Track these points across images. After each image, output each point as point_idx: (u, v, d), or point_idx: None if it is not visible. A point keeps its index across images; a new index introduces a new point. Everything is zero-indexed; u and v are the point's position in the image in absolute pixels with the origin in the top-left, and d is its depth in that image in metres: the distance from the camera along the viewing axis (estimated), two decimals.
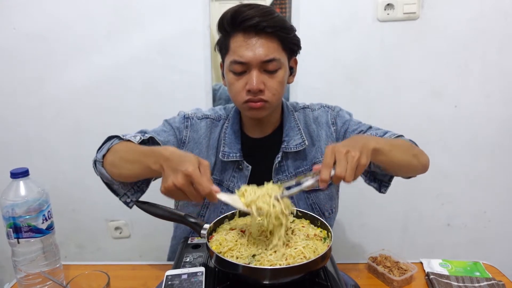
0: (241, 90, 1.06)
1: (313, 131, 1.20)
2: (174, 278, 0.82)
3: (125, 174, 0.99)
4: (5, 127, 1.78)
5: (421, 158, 1.10)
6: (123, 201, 1.10)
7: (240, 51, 1.02)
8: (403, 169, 1.09)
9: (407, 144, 1.10)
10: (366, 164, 0.84)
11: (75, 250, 1.97)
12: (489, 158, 1.83)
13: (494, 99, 1.76)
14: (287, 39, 1.06)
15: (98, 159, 1.03)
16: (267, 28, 1.00)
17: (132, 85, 1.74)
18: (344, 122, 1.21)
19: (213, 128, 1.19)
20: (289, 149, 1.15)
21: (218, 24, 1.07)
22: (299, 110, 1.24)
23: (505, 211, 1.91)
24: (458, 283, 0.98)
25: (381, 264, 1.04)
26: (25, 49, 1.68)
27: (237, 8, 1.03)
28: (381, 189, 1.16)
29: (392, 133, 1.16)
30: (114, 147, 1.02)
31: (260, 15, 1.00)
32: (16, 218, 0.87)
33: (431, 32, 1.69)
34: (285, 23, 1.05)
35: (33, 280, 0.91)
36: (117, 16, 1.66)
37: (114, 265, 1.09)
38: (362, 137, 0.99)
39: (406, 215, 1.93)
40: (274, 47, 1.03)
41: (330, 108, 1.24)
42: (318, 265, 0.80)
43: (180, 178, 0.78)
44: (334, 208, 1.24)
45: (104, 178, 1.06)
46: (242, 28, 1.02)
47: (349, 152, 0.82)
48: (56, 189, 1.73)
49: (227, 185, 1.16)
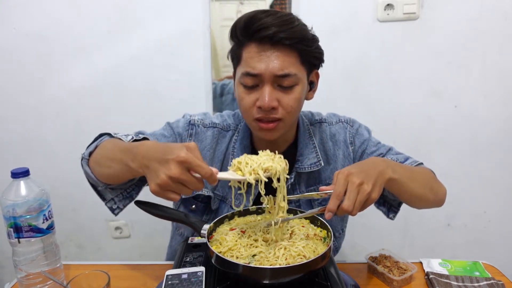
0: (252, 106, 0.96)
1: (329, 149, 1.11)
2: (174, 278, 0.82)
3: (106, 174, 0.91)
4: (5, 127, 1.78)
5: (438, 192, 1.05)
6: (108, 207, 1.02)
7: (252, 62, 0.92)
8: (417, 202, 1.02)
9: (427, 175, 1.04)
10: (376, 198, 0.79)
11: (75, 250, 1.97)
12: (489, 158, 1.83)
13: (493, 99, 1.76)
14: (307, 52, 0.95)
15: (84, 157, 0.95)
16: (284, 40, 0.90)
17: (132, 85, 1.74)
18: (362, 141, 1.13)
19: (220, 139, 1.09)
20: (302, 170, 1.07)
21: (231, 31, 0.97)
22: (315, 125, 1.14)
23: (505, 211, 1.91)
24: (457, 283, 0.98)
25: (381, 264, 1.04)
26: (25, 49, 1.68)
27: (252, 14, 0.92)
28: (390, 214, 1.10)
29: (413, 160, 1.09)
30: (101, 144, 0.94)
31: (278, 24, 0.89)
32: (16, 217, 0.87)
33: (431, 32, 1.69)
34: (306, 34, 0.94)
35: (33, 280, 0.91)
36: (117, 16, 1.66)
37: (114, 265, 1.08)
38: (380, 162, 0.88)
39: (406, 215, 1.92)
40: (291, 61, 0.93)
41: (349, 124, 1.15)
42: (318, 265, 0.80)
43: (174, 168, 0.70)
44: (344, 228, 1.20)
45: (89, 179, 0.98)
46: (256, 38, 0.91)
47: (362, 185, 0.76)
48: (56, 189, 1.73)
49: (231, 202, 1.05)
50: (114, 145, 0.91)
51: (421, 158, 1.87)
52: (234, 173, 0.80)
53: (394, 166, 0.89)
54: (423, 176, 1.02)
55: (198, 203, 1.10)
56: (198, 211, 1.11)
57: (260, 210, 1.01)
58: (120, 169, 0.85)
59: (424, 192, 0.99)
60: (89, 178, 0.98)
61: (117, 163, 0.85)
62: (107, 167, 0.89)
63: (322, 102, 1.36)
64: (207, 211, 1.11)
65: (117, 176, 0.90)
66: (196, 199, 1.10)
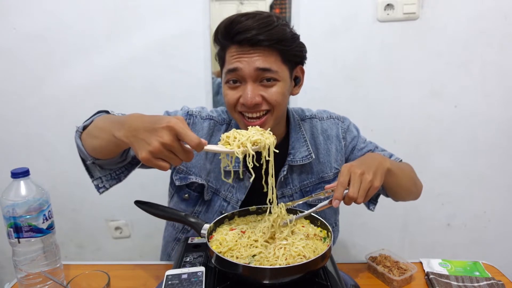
0: (235, 102, 0.99)
1: (320, 143, 1.15)
2: (174, 278, 0.82)
3: (94, 145, 0.92)
4: (5, 127, 1.78)
5: (418, 186, 1.15)
6: (94, 184, 1.03)
7: (234, 61, 0.96)
8: (403, 193, 1.11)
9: (411, 171, 1.12)
10: (378, 187, 0.86)
11: (75, 250, 1.97)
12: (489, 158, 1.83)
13: (493, 99, 1.76)
14: (287, 51, 0.98)
15: (78, 129, 0.96)
16: (263, 42, 0.93)
17: (132, 85, 1.74)
18: (352, 138, 1.18)
19: (216, 131, 1.13)
20: (295, 162, 1.11)
21: (214, 35, 1.01)
22: (306, 120, 1.18)
23: (505, 211, 1.91)
24: (457, 283, 0.99)
25: (381, 264, 1.04)
26: (25, 49, 1.68)
27: (233, 18, 0.95)
28: (370, 206, 1.18)
29: (395, 156, 1.17)
30: (96, 118, 0.95)
31: (257, 26, 0.92)
32: (16, 218, 0.87)
33: (431, 32, 1.69)
34: (285, 35, 0.96)
35: (33, 280, 0.91)
36: (117, 16, 1.66)
37: (114, 265, 1.09)
38: (377, 156, 0.97)
39: (406, 215, 1.93)
40: (272, 60, 0.96)
41: (340, 120, 1.20)
42: (318, 265, 0.80)
43: (166, 135, 0.70)
44: (337, 221, 1.24)
45: (80, 152, 0.99)
46: (236, 41, 0.95)
47: (364, 174, 0.84)
48: (56, 189, 1.74)
49: (224, 195, 1.11)
50: (107, 117, 0.93)
51: (421, 158, 1.89)
52: (222, 146, 0.80)
53: (389, 160, 0.98)
54: (408, 171, 1.12)
55: (191, 192, 1.13)
56: (191, 201, 1.14)
57: (260, 210, 1.01)
58: (107, 140, 0.85)
59: (410, 184, 1.10)
60: (80, 152, 0.99)
61: (105, 133, 0.85)
62: (95, 137, 0.90)
63: (322, 102, 1.37)
64: (200, 202, 1.14)
65: (104, 147, 0.90)
66: (189, 187, 1.13)
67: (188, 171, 1.12)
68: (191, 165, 1.12)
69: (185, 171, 1.12)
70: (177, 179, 1.12)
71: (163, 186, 1.25)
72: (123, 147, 0.91)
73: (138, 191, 1.44)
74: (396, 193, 1.09)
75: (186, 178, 1.11)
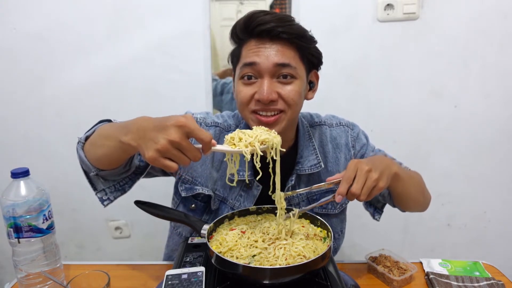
0: (250, 99, 0.95)
1: (329, 151, 1.12)
2: (174, 278, 0.82)
3: (99, 154, 0.90)
4: (5, 127, 1.78)
5: (426, 196, 1.11)
6: (98, 197, 1.01)
7: (251, 55, 0.94)
8: (410, 202, 1.07)
9: (420, 180, 1.10)
10: (383, 188, 0.84)
11: (75, 250, 1.97)
12: (489, 158, 1.83)
13: (493, 99, 1.76)
14: (306, 49, 0.97)
15: (81, 140, 0.95)
16: (282, 34, 0.92)
17: (132, 85, 1.74)
18: (361, 146, 1.15)
19: (221, 138, 1.08)
20: (303, 171, 1.07)
21: (231, 33, 0.99)
22: (315, 127, 1.14)
23: (505, 211, 1.91)
24: (457, 283, 0.99)
25: (381, 264, 1.04)
26: (25, 49, 1.68)
27: (251, 14, 0.94)
28: (375, 215, 1.14)
29: (404, 165, 1.15)
30: (99, 127, 0.94)
31: (276, 20, 0.92)
32: (16, 218, 0.87)
33: (431, 32, 1.69)
34: (305, 33, 0.96)
35: (33, 280, 0.91)
36: (117, 16, 1.66)
37: (114, 265, 1.09)
38: (387, 159, 0.95)
39: (406, 215, 1.92)
40: (291, 55, 0.94)
41: (349, 127, 1.16)
42: (318, 265, 0.80)
43: (174, 132, 0.68)
44: (344, 229, 1.22)
45: (82, 164, 0.97)
46: (255, 34, 0.93)
47: (371, 172, 0.82)
48: (56, 189, 1.73)
49: (231, 203, 1.08)
50: (110, 125, 0.91)
51: (421, 158, 1.89)
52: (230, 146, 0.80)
53: (398, 165, 0.95)
54: (417, 179, 1.09)
55: (198, 202, 1.10)
56: (197, 211, 1.11)
57: (260, 210, 1.01)
58: (113, 147, 0.83)
59: (418, 193, 1.06)
60: (82, 164, 0.97)
61: (110, 140, 0.84)
62: (99, 146, 0.89)
63: (322, 102, 1.36)
64: (207, 211, 1.11)
65: (110, 155, 0.88)
66: (196, 198, 1.10)
67: (194, 181, 1.08)
68: (197, 175, 1.08)
69: (191, 181, 1.08)
70: (183, 190, 1.08)
71: (163, 186, 1.25)
72: (130, 153, 0.89)
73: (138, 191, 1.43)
74: (403, 201, 1.06)
75: (192, 189, 1.08)
